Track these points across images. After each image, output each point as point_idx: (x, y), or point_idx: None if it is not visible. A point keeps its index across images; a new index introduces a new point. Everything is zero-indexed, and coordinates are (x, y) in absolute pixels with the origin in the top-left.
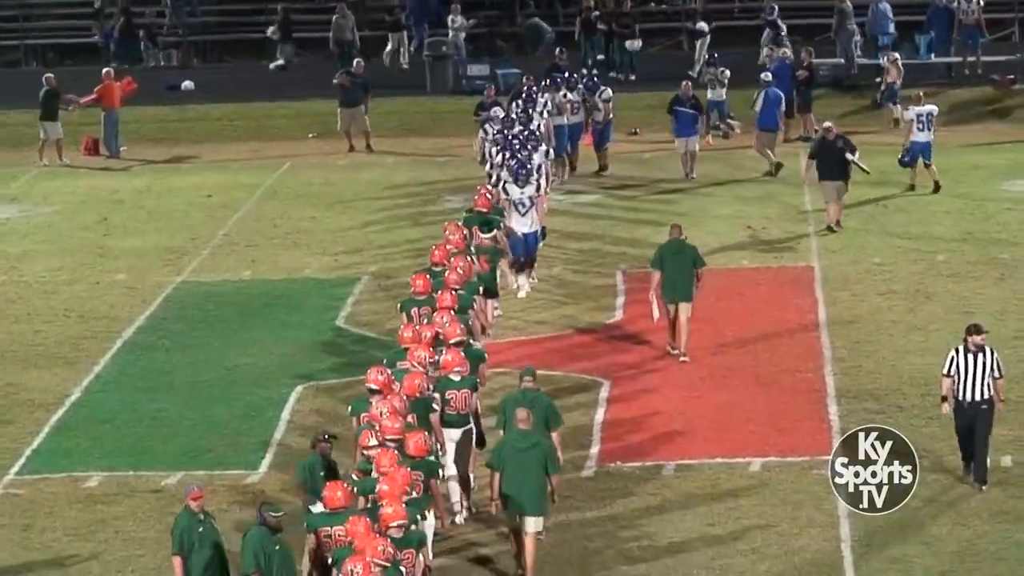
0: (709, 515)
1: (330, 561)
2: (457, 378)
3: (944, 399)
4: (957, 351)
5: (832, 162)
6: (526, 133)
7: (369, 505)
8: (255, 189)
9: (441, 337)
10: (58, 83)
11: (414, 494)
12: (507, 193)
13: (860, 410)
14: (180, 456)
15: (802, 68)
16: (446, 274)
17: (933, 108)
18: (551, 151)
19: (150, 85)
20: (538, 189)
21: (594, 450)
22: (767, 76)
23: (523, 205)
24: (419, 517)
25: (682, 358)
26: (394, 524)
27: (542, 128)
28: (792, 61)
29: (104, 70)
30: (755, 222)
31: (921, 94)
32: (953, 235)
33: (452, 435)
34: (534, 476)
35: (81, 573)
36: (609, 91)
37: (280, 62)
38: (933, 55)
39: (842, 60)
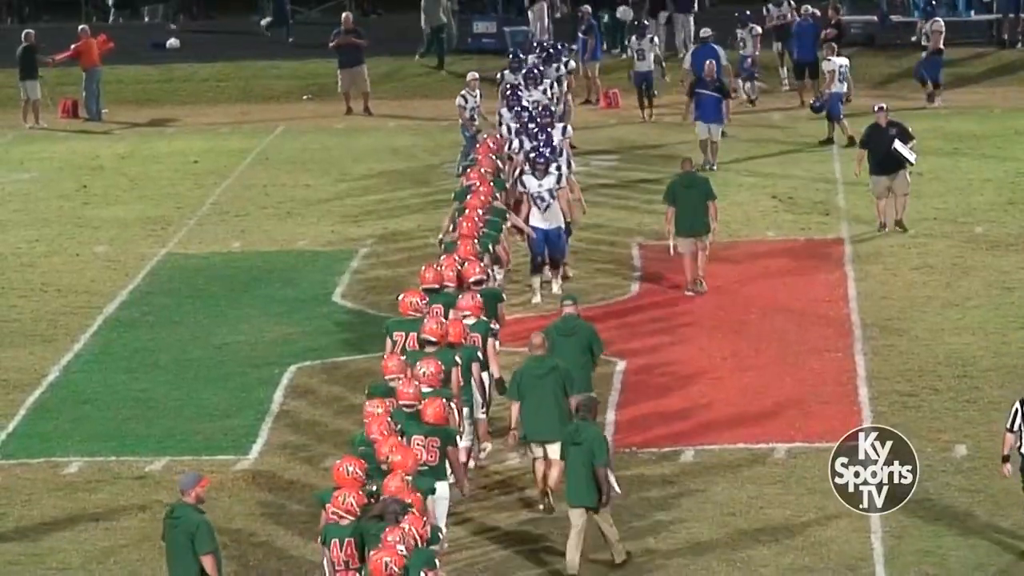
0: (730, 504)
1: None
2: (471, 322)
3: (1006, 459)
4: (1022, 403)
5: (884, 153)
6: (539, 109)
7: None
8: (245, 154)
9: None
10: (37, 39)
11: (425, 466)
12: (524, 186)
13: (892, 392)
14: (165, 440)
15: (829, 26)
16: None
17: (845, 60)
18: (568, 128)
19: (133, 44)
20: (559, 180)
21: (608, 434)
22: (706, 32)
23: (542, 200)
24: (433, 488)
25: (701, 285)
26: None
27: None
28: (817, 18)
29: (81, 27)
30: (780, 191)
31: (835, 46)
32: (993, 205)
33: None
34: (552, 401)
35: (60, 564)
36: (572, 63)
37: (271, 19)
38: (974, 12)
39: (874, 17)
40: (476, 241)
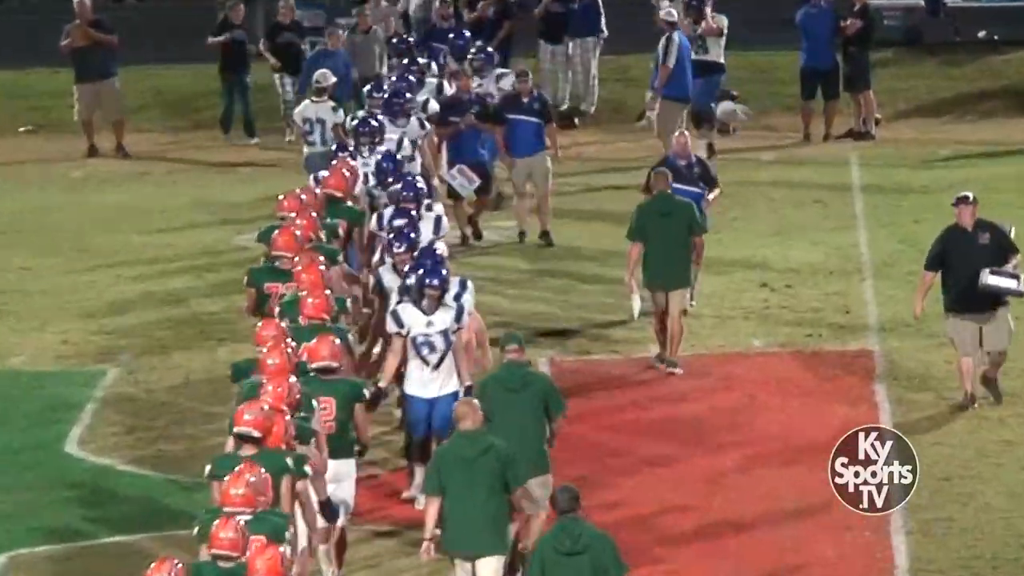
0: None
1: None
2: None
3: None
4: None
5: (970, 279)
6: (407, 188)
7: None
8: None
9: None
10: None
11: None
12: (399, 324)
13: None
14: None
15: (852, 14)
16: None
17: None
18: (444, 220)
19: None
20: (459, 317)
21: None
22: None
23: (429, 348)
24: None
25: (672, 369)
26: None
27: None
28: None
29: None
30: (775, 275)
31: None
32: None
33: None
34: (485, 497)
35: None
36: (512, 75)
37: None
38: None
39: (921, 1)
40: (331, 294)
